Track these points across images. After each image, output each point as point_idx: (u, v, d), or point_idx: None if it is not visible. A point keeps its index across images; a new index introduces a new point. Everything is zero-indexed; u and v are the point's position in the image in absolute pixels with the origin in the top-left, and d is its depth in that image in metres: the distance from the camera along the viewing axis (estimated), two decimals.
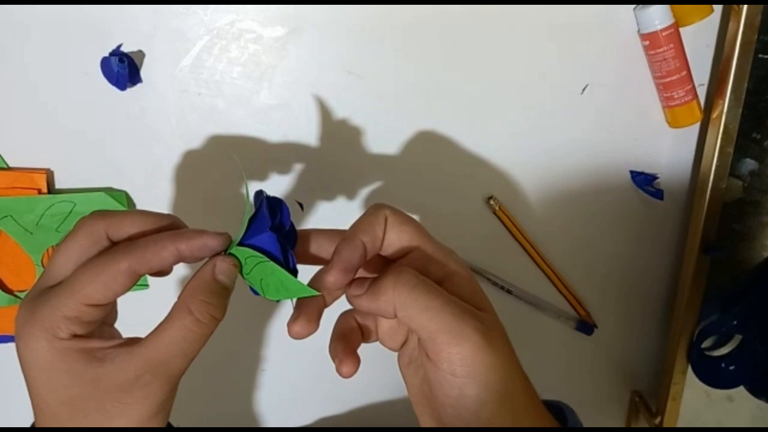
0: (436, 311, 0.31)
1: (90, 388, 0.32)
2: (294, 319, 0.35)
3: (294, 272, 0.34)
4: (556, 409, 0.38)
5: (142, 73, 0.50)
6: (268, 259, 0.33)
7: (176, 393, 0.34)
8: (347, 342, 0.37)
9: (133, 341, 0.33)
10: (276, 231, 0.34)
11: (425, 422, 0.35)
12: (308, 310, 0.35)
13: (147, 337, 0.33)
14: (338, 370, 0.36)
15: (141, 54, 0.50)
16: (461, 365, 0.31)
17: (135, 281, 0.33)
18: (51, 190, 0.53)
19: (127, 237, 0.34)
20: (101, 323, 0.35)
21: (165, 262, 0.33)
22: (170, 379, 0.32)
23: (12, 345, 0.57)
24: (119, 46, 0.49)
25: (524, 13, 0.50)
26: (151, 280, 0.56)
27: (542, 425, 0.34)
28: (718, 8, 0.50)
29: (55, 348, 0.32)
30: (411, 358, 0.36)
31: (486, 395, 0.31)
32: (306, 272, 0.37)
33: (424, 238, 0.35)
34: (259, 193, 0.36)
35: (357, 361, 0.36)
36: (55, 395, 0.33)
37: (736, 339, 0.59)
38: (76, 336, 0.32)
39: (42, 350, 0.32)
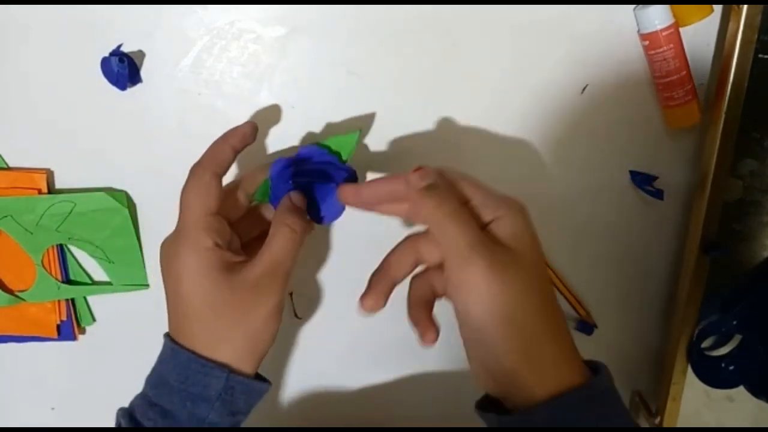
0: (454, 238, 0.37)
1: (229, 293, 0.40)
2: (366, 293, 0.42)
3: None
4: (593, 365, 0.40)
5: (142, 73, 0.50)
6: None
7: (285, 301, 0.43)
8: (426, 309, 0.42)
9: (255, 256, 0.42)
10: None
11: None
12: (379, 286, 0.42)
13: (261, 251, 0.42)
14: (422, 338, 0.41)
15: (141, 54, 0.50)
16: (466, 286, 0.37)
17: (221, 183, 0.43)
18: (51, 190, 0.53)
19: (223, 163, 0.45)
20: (230, 238, 0.44)
21: (228, 156, 0.44)
22: (284, 277, 0.42)
23: (12, 345, 0.57)
24: (119, 46, 0.49)
25: (524, 13, 0.50)
26: (151, 280, 0.56)
27: (561, 359, 0.37)
28: (718, 8, 0.50)
29: (203, 259, 0.41)
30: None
31: (488, 317, 0.36)
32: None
33: (478, 191, 0.41)
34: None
35: (437, 329, 0.41)
36: (201, 299, 0.41)
37: (736, 339, 0.59)
38: (217, 245, 0.41)
39: (192, 261, 0.41)
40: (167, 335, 0.44)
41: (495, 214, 0.39)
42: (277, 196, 0.47)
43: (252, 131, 0.44)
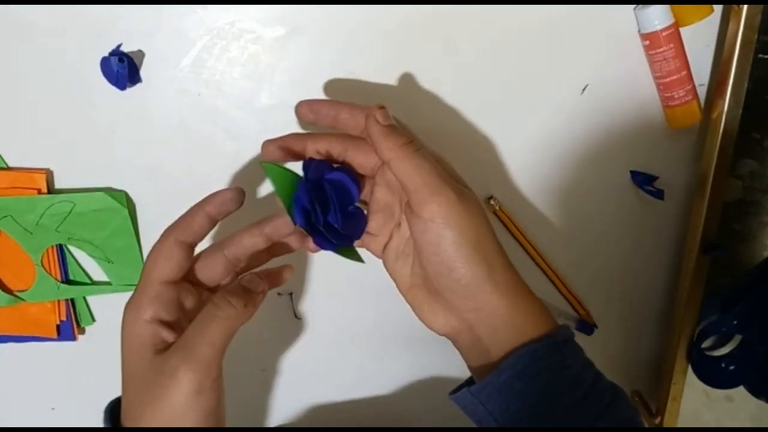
0: (425, 171, 0.39)
1: (150, 374, 0.39)
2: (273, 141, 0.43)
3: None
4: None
5: (142, 73, 0.50)
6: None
7: (220, 372, 0.40)
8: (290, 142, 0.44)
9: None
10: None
11: (418, 298, 0.43)
12: (290, 144, 0.43)
13: (185, 333, 0.40)
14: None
15: (141, 54, 0.50)
16: (439, 212, 0.38)
17: (189, 251, 0.41)
18: (51, 190, 0.53)
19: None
20: (179, 313, 0.41)
21: (200, 224, 0.41)
22: (203, 363, 0.39)
23: (12, 345, 0.57)
24: (119, 46, 0.49)
25: (524, 13, 0.50)
26: None
27: (515, 280, 0.41)
28: (718, 8, 0.50)
29: (139, 331, 0.40)
30: (397, 254, 0.44)
31: (460, 239, 0.38)
32: None
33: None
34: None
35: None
36: (129, 371, 0.40)
37: (736, 339, 0.59)
38: (156, 319, 0.40)
39: (130, 331, 0.40)
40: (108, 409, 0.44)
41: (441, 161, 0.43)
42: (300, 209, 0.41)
43: (236, 197, 0.42)
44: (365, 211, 0.44)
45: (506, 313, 0.40)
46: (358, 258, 0.43)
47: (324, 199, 0.41)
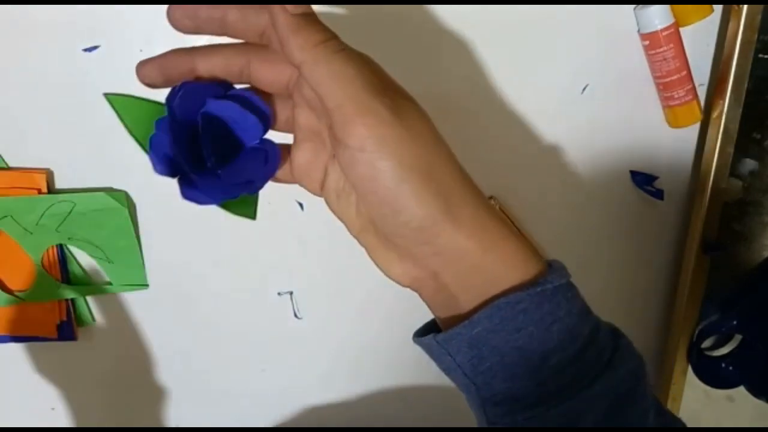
0: (348, 79, 0.29)
1: None
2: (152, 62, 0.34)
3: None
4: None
5: None
6: None
7: None
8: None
9: None
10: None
11: (371, 244, 0.34)
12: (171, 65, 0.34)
13: None
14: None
15: (141, 54, 0.50)
16: (369, 137, 0.29)
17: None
18: (51, 190, 0.53)
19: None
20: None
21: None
22: None
23: (12, 345, 0.57)
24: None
25: (524, 13, 0.50)
26: (150, 280, 0.56)
27: (484, 215, 0.31)
28: (718, 8, 0.50)
29: None
30: (337, 192, 0.35)
31: (401, 170, 0.29)
32: None
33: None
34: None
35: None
36: None
37: (736, 339, 0.59)
38: None
39: None
40: None
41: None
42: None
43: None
44: (276, 145, 0.34)
45: (476, 255, 0.31)
46: (249, 214, 0.33)
47: (200, 139, 0.32)
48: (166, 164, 0.31)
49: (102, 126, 0.52)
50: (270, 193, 0.54)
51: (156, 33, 0.50)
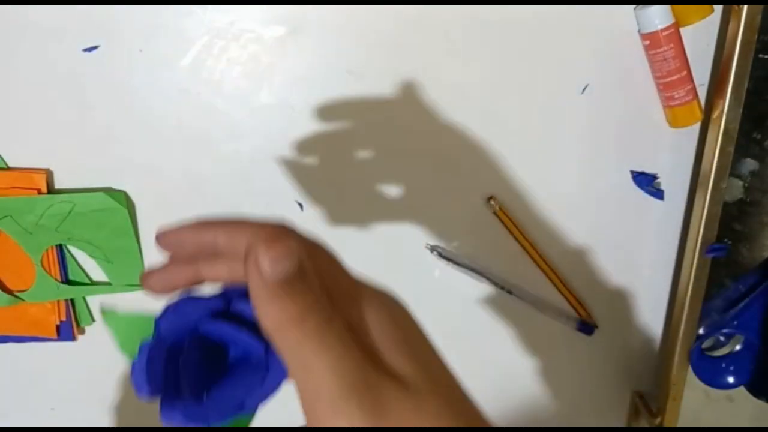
0: (318, 376, 0.23)
1: None
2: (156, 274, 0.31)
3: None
4: None
5: (142, 72, 0.50)
6: None
7: None
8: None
9: None
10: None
11: None
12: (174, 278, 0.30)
13: None
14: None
15: (141, 54, 0.50)
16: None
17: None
18: (51, 190, 0.53)
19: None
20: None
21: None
22: None
23: (12, 345, 0.57)
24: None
25: (524, 13, 0.50)
26: None
27: None
28: (718, 8, 0.50)
29: None
30: None
31: None
32: None
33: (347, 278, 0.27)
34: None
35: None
36: None
37: (736, 339, 0.59)
38: None
39: None
40: None
41: (358, 308, 0.26)
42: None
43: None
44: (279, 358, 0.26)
45: None
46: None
47: (187, 363, 0.27)
48: (147, 389, 0.26)
49: (102, 126, 0.52)
50: (270, 193, 0.54)
51: (156, 33, 0.49)
